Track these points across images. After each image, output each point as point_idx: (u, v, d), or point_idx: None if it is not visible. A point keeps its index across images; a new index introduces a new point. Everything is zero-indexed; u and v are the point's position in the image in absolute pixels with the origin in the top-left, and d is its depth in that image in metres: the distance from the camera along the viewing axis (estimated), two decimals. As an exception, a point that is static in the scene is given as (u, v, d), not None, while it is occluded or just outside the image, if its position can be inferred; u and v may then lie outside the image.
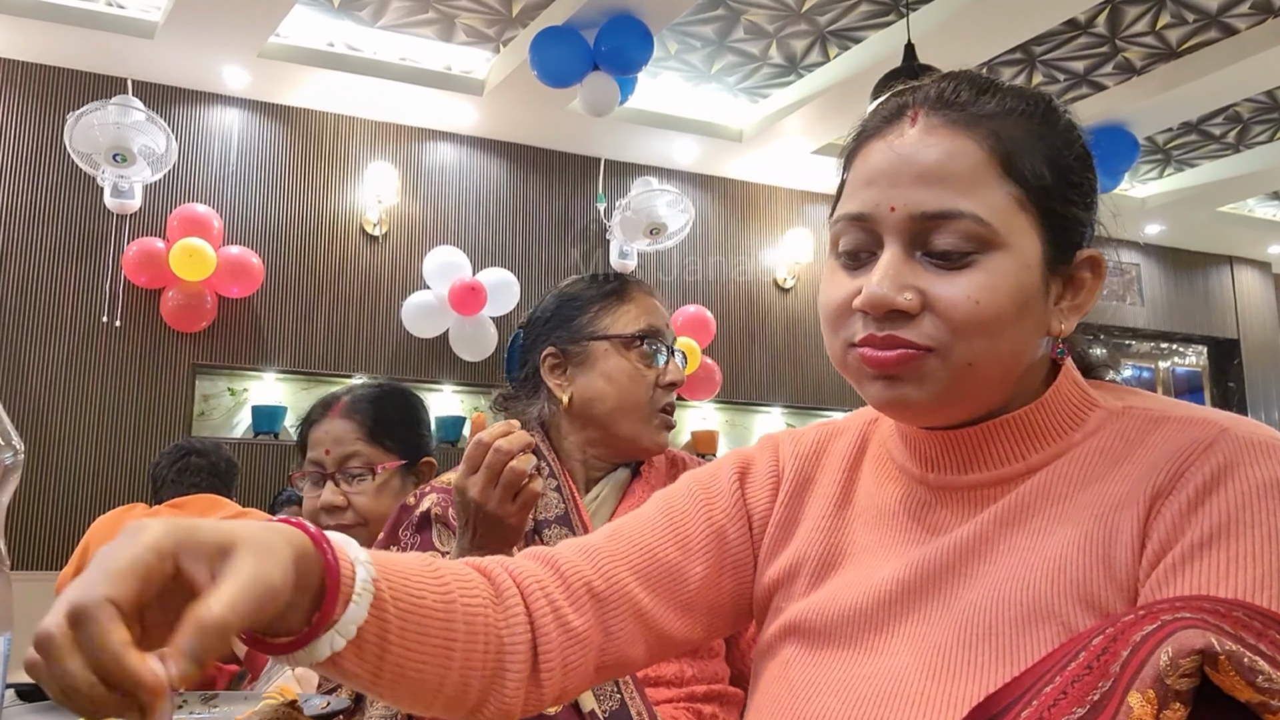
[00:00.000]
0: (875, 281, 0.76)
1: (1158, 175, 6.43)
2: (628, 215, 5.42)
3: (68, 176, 4.64)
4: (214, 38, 4.43)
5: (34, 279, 4.57)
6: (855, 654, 0.79)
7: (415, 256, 5.21)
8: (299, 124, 5.13)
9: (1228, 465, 0.69)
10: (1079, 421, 0.79)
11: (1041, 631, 0.70)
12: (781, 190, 6.18)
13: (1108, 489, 0.74)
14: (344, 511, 1.64)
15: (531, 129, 5.40)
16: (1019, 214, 0.76)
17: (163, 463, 2.93)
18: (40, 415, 4.47)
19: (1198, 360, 7.61)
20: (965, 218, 0.75)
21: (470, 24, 4.62)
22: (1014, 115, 0.78)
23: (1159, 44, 4.80)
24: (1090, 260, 0.81)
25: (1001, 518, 0.77)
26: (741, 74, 5.12)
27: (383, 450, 1.67)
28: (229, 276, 4.68)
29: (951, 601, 0.76)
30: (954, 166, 0.76)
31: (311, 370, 4.96)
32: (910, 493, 0.84)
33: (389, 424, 1.70)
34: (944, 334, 0.75)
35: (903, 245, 0.77)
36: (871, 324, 0.77)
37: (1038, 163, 0.77)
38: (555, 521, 1.38)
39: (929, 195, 0.76)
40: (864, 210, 0.78)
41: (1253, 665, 0.50)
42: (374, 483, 1.65)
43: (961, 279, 0.75)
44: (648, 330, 1.48)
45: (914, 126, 0.78)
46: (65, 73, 4.72)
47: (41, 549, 4.36)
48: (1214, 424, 0.73)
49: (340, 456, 1.65)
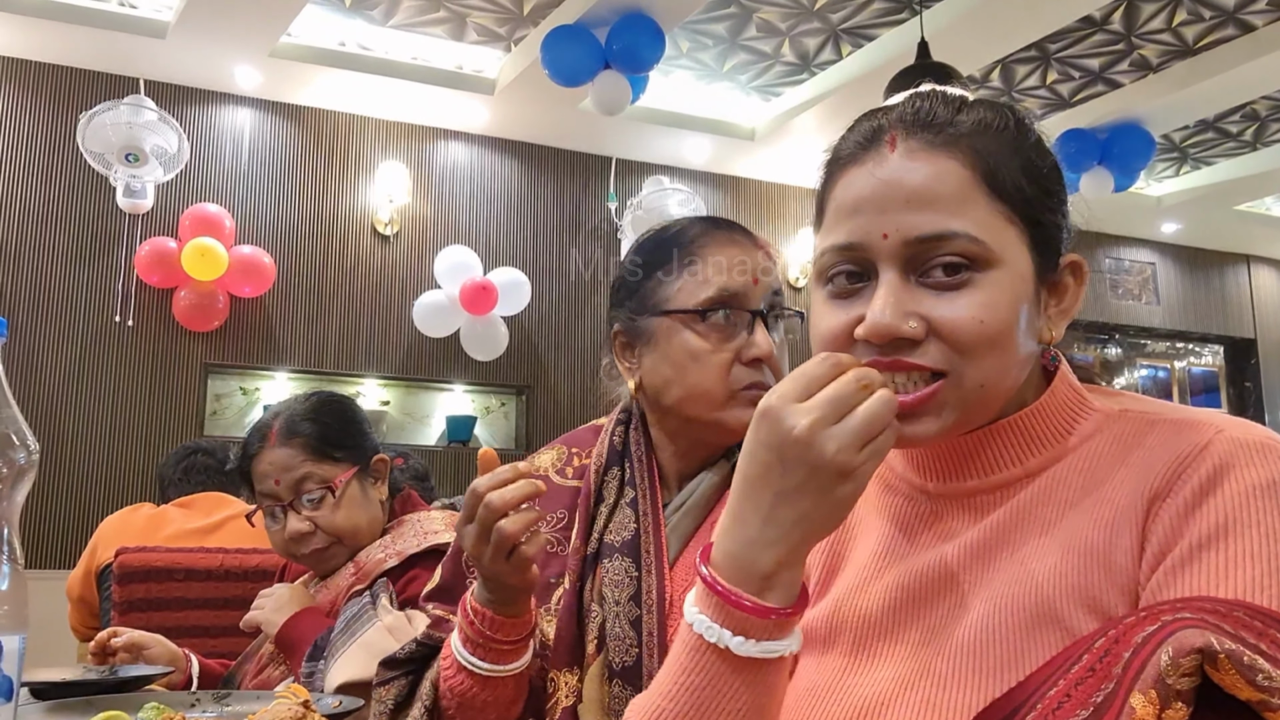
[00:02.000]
0: (878, 310, 0.75)
1: (1174, 173, 6.38)
2: (639, 214, 5.41)
3: (80, 176, 4.66)
4: (226, 37, 4.43)
5: (47, 278, 4.59)
6: (858, 661, 0.79)
7: (426, 256, 5.21)
8: (310, 123, 5.13)
9: (1223, 467, 0.69)
10: (1075, 425, 0.79)
11: (1045, 636, 0.70)
12: (794, 189, 6.16)
13: (1105, 493, 0.74)
14: (313, 536, 1.59)
15: (543, 128, 5.39)
16: (1008, 228, 0.76)
17: (169, 463, 2.94)
18: (53, 414, 4.49)
19: (1214, 360, 7.56)
20: (960, 237, 0.74)
21: (481, 23, 4.62)
22: (990, 131, 0.78)
23: (1175, 41, 4.77)
24: (1072, 265, 0.81)
25: (1002, 523, 0.77)
26: (754, 72, 5.10)
27: (333, 464, 1.61)
28: (241, 276, 4.69)
29: (954, 608, 0.76)
30: (941, 188, 0.75)
31: (323, 369, 4.97)
32: (911, 501, 0.84)
33: (331, 436, 1.63)
34: (952, 357, 0.75)
35: (899, 271, 0.76)
36: (874, 352, 0.76)
37: (1017, 175, 0.77)
38: (620, 550, 1.18)
39: (921, 219, 0.75)
40: (853, 239, 0.77)
41: (1253, 664, 0.50)
42: (335, 499, 1.60)
43: (962, 300, 0.75)
44: (719, 297, 1.17)
45: (894, 151, 0.77)
46: (78, 73, 4.74)
47: (54, 547, 4.37)
48: (1209, 425, 0.73)
49: (292, 483, 1.59)
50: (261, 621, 1.60)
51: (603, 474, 1.25)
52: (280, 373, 4.99)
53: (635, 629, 1.13)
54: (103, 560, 2.69)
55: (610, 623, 1.15)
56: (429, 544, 1.57)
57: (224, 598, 2.23)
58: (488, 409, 5.42)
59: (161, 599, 2.22)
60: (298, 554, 1.63)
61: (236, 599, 2.16)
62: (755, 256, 1.21)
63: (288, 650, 1.55)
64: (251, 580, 2.22)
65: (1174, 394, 7.35)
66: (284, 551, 1.65)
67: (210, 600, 2.24)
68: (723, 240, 1.22)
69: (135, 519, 2.78)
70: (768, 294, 1.21)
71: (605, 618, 1.15)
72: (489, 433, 5.40)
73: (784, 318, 1.24)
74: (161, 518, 2.74)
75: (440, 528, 1.62)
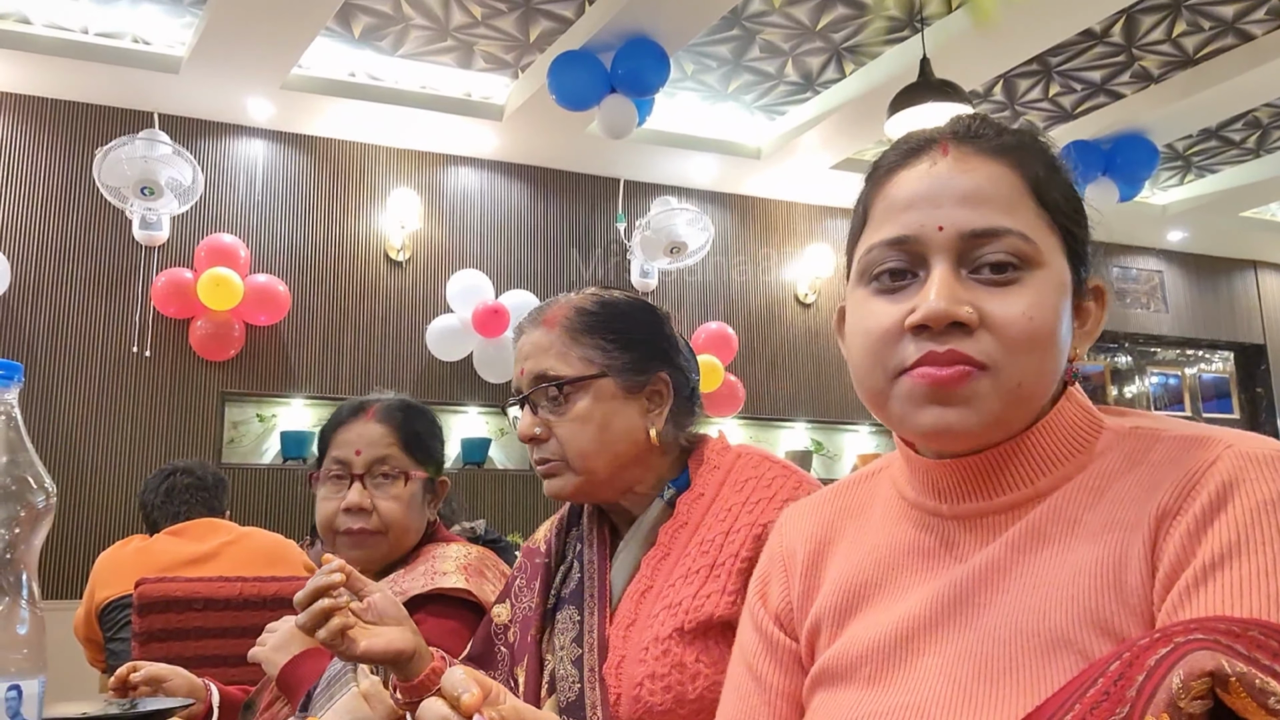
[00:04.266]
0: (935, 296, 0.76)
1: (1179, 182, 6.40)
2: (648, 234, 5.45)
3: (97, 210, 4.73)
4: (238, 71, 4.50)
5: (65, 311, 4.65)
6: (875, 691, 0.79)
7: (438, 280, 5.26)
8: (322, 153, 5.20)
9: (1232, 483, 0.69)
10: (1086, 444, 0.80)
11: (1061, 661, 0.70)
12: (800, 206, 6.20)
13: (1115, 512, 0.74)
14: (368, 515, 1.59)
15: (551, 152, 5.45)
16: (1050, 235, 0.79)
17: (148, 488, 2.89)
18: (73, 444, 4.54)
19: (1224, 366, 7.55)
20: (1013, 234, 0.77)
21: (489, 51, 4.68)
22: (1031, 149, 0.82)
23: (1176, 51, 4.80)
24: (1096, 289, 0.84)
25: (1014, 545, 0.77)
26: (758, 92, 5.15)
27: (413, 461, 1.63)
28: (256, 305, 4.74)
29: (968, 633, 0.76)
30: (994, 189, 0.78)
31: (338, 395, 5.00)
32: (924, 528, 0.84)
33: (420, 437, 1.66)
34: (999, 351, 0.76)
35: (951, 264, 0.78)
36: (929, 342, 0.76)
37: (1055, 190, 0.81)
38: (568, 600, 1.30)
39: (975, 214, 0.78)
40: (907, 233, 0.79)
41: (1264, 687, 0.49)
42: (403, 489, 1.61)
43: (1013, 296, 0.76)
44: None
45: (946, 155, 0.80)
46: (93, 108, 4.81)
47: (75, 577, 4.40)
48: (1218, 441, 0.73)
49: (372, 459, 1.60)
50: (263, 660, 1.58)
51: (565, 535, 1.38)
52: (296, 399, 5.03)
53: (576, 666, 1.21)
54: (100, 599, 2.68)
55: (558, 666, 1.23)
56: (433, 587, 1.53)
57: (242, 626, 2.21)
58: (502, 430, 5.45)
59: (181, 629, 2.21)
60: (341, 527, 1.60)
61: (254, 627, 2.12)
62: (521, 343, 1.33)
63: (287, 693, 1.53)
64: (270, 608, 2.21)
65: (1185, 401, 7.33)
66: (328, 524, 1.62)
67: (229, 629, 2.23)
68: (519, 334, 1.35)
69: (124, 554, 2.75)
70: (528, 378, 1.30)
71: (554, 663, 1.24)
72: (503, 454, 5.43)
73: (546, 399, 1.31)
74: (152, 549, 2.71)
75: (451, 569, 1.58)
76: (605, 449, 1.25)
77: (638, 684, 1.14)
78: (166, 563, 2.61)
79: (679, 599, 1.17)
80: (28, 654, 0.74)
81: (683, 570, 1.20)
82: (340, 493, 1.60)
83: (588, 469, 1.25)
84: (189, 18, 4.35)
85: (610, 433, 1.25)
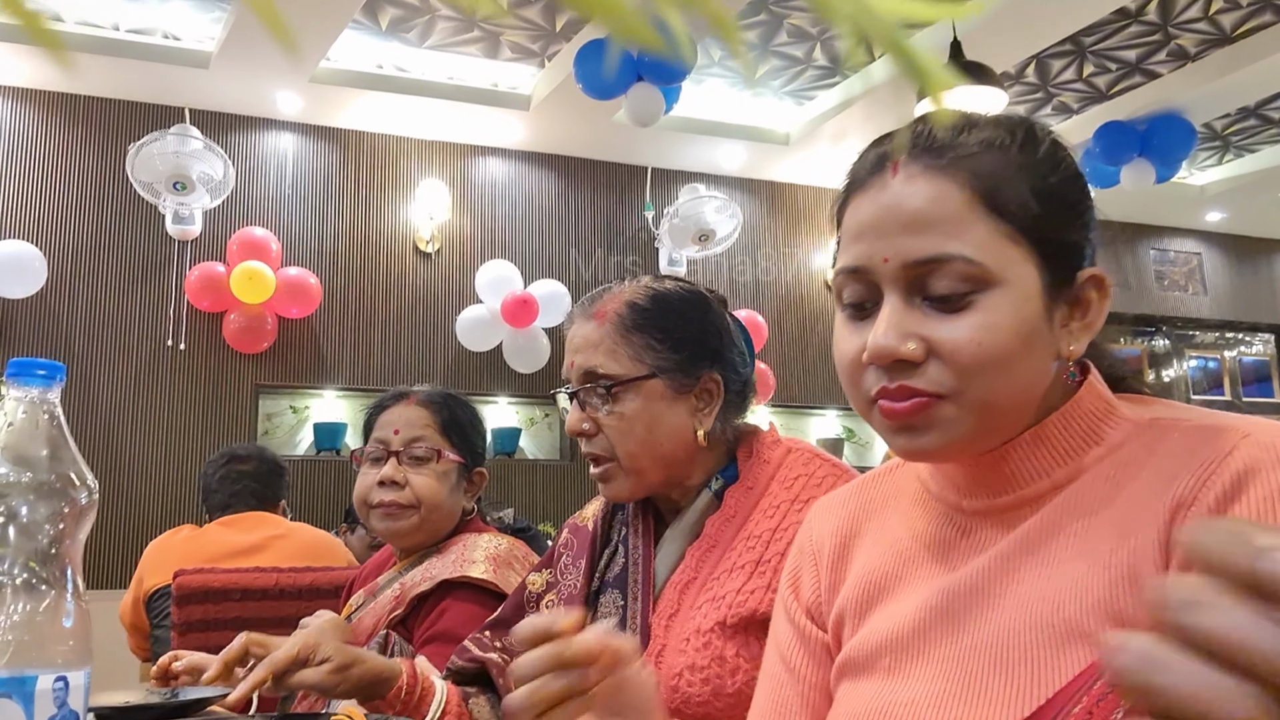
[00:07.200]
0: (880, 333, 0.77)
1: (1217, 162, 6.29)
2: (676, 222, 5.43)
3: (131, 205, 4.78)
4: (267, 65, 4.53)
5: (101, 307, 4.71)
6: (891, 682, 0.80)
7: (468, 271, 5.28)
8: (351, 145, 5.22)
9: (1249, 471, 0.68)
10: (1101, 436, 0.79)
11: (1074, 653, 0.70)
12: (830, 192, 6.11)
13: (1131, 504, 0.73)
14: (401, 489, 1.65)
15: (578, 141, 5.44)
16: (1010, 247, 0.76)
17: (209, 470, 2.94)
18: (109, 438, 4.60)
19: (1265, 349, 7.41)
20: (956, 260, 0.75)
21: (515, 41, 4.68)
22: (993, 150, 0.79)
23: (1212, 29, 4.71)
24: (1094, 279, 0.81)
25: (1029, 537, 0.77)
26: (786, 77, 5.11)
27: (450, 445, 1.71)
28: (288, 298, 4.78)
29: (983, 625, 0.76)
30: (937, 211, 0.77)
31: (370, 387, 5.04)
32: (948, 521, 0.85)
33: (459, 424, 1.74)
34: (952, 379, 0.76)
35: (901, 294, 0.78)
36: (883, 376, 0.78)
37: (1023, 193, 0.78)
38: (612, 584, 1.32)
39: (917, 242, 0.77)
40: (858, 263, 0.80)
41: None
42: (436, 467, 1.68)
43: (962, 321, 0.76)
44: None
45: (895, 175, 0.79)
46: (125, 104, 4.86)
47: (115, 567, 4.48)
48: (1235, 430, 0.72)
49: (409, 438, 1.68)
50: None
51: (610, 518, 1.39)
52: (329, 391, 5.07)
53: None
54: (148, 587, 2.71)
55: None
56: (461, 574, 1.59)
57: (279, 617, 2.24)
58: (531, 420, 5.47)
59: (219, 619, 2.24)
60: (374, 500, 1.66)
61: (291, 617, 2.17)
62: (571, 334, 1.32)
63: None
64: (306, 599, 2.24)
65: (1225, 385, 7.21)
66: (363, 498, 1.68)
67: (267, 620, 2.25)
68: (570, 323, 1.34)
69: (174, 542, 2.78)
70: (578, 372, 1.29)
71: None
72: (534, 444, 5.45)
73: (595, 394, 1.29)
74: (202, 538, 2.74)
75: (479, 558, 1.63)
76: (652, 449, 1.25)
77: (677, 674, 1.15)
78: (214, 552, 2.64)
79: (723, 593, 1.17)
80: (73, 646, 0.76)
81: (728, 564, 1.20)
82: (376, 469, 1.68)
83: (637, 468, 1.26)
84: (218, 13, 4.38)
85: (657, 433, 1.25)
